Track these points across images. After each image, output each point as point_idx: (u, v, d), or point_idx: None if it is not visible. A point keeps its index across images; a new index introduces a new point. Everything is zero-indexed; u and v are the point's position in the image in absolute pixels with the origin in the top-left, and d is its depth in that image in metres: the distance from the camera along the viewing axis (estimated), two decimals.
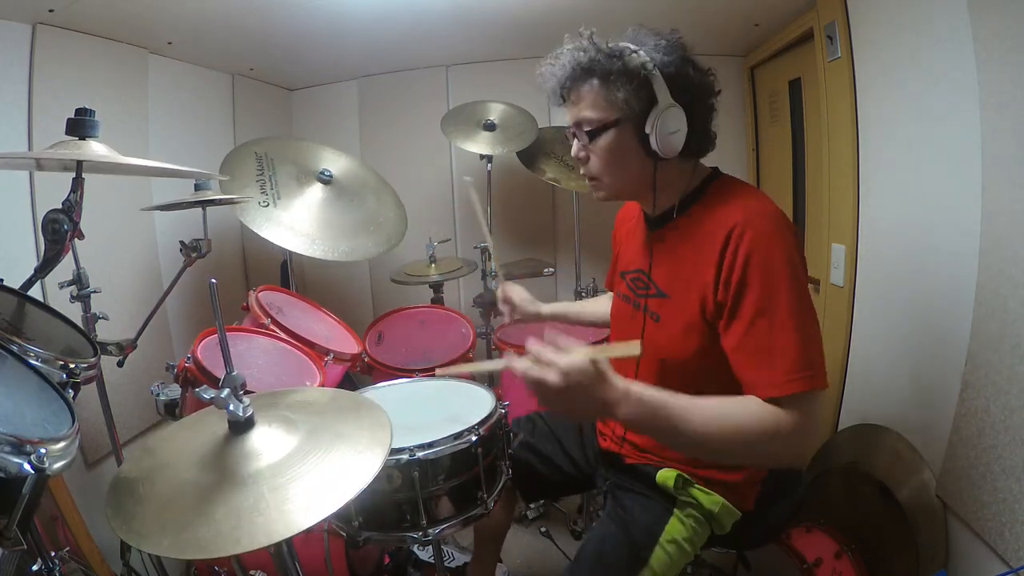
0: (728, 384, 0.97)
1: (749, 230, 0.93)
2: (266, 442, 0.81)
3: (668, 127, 0.97)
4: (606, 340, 1.79)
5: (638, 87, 0.96)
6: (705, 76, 1.02)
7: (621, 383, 0.84)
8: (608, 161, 1.04)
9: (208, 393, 0.80)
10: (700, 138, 1.03)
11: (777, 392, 0.89)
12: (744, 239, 0.93)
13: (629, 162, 1.03)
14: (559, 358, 0.80)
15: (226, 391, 0.80)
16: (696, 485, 1.10)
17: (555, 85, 1.04)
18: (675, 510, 1.11)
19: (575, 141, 1.07)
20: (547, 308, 1.44)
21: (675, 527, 1.10)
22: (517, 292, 1.41)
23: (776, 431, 0.87)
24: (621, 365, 1.08)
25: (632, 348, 0.80)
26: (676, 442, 0.92)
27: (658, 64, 0.97)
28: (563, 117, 1.11)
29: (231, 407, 0.80)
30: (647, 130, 0.97)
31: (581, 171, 1.09)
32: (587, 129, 1.02)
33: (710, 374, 1.02)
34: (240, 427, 0.82)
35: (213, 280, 0.82)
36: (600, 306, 1.47)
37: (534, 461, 1.33)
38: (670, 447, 1.05)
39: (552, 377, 0.79)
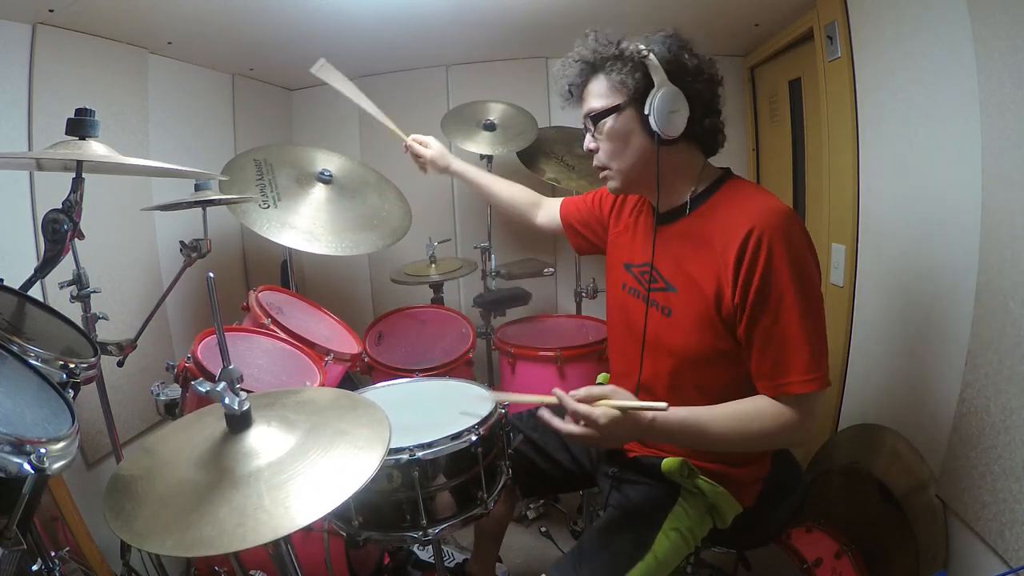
0: (737, 378, 1.04)
1: (768, 233, 0.96)
2: (265, 440, 0.80)
3: (667, 106, 1.00)
4: (604, 341, 1.79)
5: (633, 69, 1.02)
6: (702, 60, 1.05)
7: (647, 417, 0.97)
8: (613, 145, 1.08)
9: (204, 386, 0.79)
10: (704, 126, 1.05)
11: (789, 392, 0.98)
12: (763, 243, 0.96)
13: (633, 145, 1.06)
14: (596, 415, 0.94)
15: (222, 384, 0.79)
16: (700, 476, 1.12)
17: (565, 84, 1.11)
18: (679, 498, 1.13)
19: (586, 136, 1.11)
20: (456, 164, 1.57)
21: (678, 515, 1.11)
22: (429, 149, 1.56)
23: (785, 427, 0.99)
24: (634, 358, 1.15)
25: (658, 406, 0.94)
26: (704, 448, 1.07)
27: (653, 50, 1.02)
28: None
29: (227, 400, 0.79)
30: (646, 111, 1.01)
31: (593, 163, 1.13)
32: (592, 115, 1.07)
33: (720, 369, 1.06)
34: (238, 423, 0.80)
35: (210, 274, 0.82)
36: (506, 187, 1.57)
37: (535, 456, 1.33)
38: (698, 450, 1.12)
39: (594, 434, 0.95)
